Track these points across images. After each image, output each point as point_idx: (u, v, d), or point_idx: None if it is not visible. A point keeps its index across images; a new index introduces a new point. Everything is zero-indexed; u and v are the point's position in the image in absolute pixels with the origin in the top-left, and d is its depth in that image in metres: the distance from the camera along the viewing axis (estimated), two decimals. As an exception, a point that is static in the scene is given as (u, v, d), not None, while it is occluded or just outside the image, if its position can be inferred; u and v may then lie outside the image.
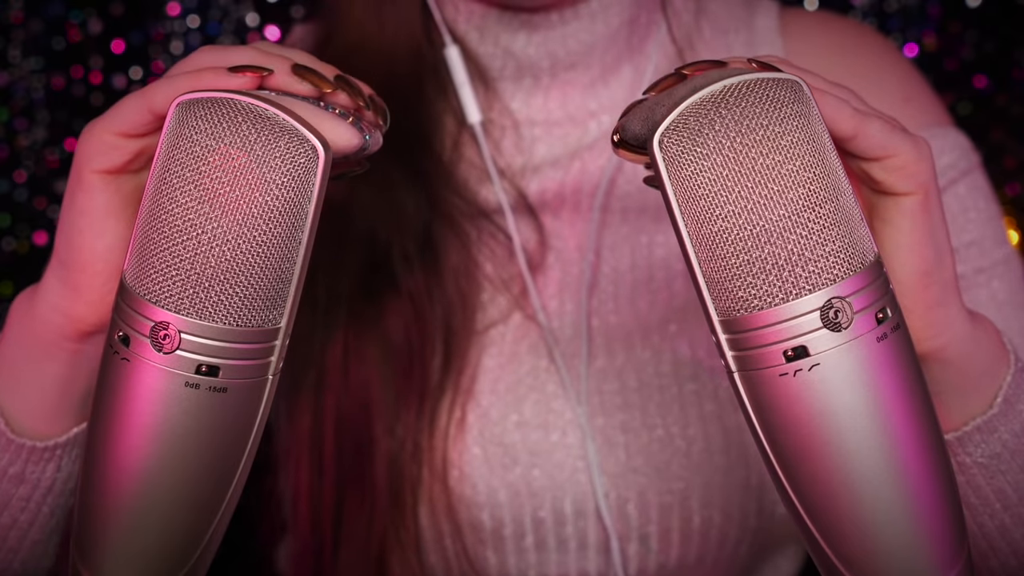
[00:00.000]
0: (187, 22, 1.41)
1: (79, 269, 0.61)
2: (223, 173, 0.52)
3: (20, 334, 0.66)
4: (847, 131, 0.56)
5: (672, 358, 0.85)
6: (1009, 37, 1.38)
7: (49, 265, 0.64)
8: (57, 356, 0.65)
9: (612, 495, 0.83)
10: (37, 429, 0.68)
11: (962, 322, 0.62)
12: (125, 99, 0.59)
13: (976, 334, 0.63)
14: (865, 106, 0.59)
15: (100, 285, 0.61)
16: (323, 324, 0.85)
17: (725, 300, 0.52)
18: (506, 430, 0.83)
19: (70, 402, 0.67)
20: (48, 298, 0.64)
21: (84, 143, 0.60)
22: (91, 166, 0.60)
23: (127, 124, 0.59)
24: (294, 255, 0.53)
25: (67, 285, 0.62)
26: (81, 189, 0.60)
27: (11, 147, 1.41)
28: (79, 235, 0.61)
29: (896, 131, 0.57)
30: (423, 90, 0.89)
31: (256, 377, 0.54)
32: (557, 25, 0.87)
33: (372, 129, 0.61)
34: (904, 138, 0.57)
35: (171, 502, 0.55)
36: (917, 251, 0.59)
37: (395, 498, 0.83)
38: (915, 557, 0.53)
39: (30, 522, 0.71)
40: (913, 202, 0.58)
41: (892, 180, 0.58)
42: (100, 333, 0.63)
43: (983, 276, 0.87)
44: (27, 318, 0.65)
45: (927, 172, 0.58)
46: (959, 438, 0.66)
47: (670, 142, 0.52)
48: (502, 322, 0.86)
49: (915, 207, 0.58)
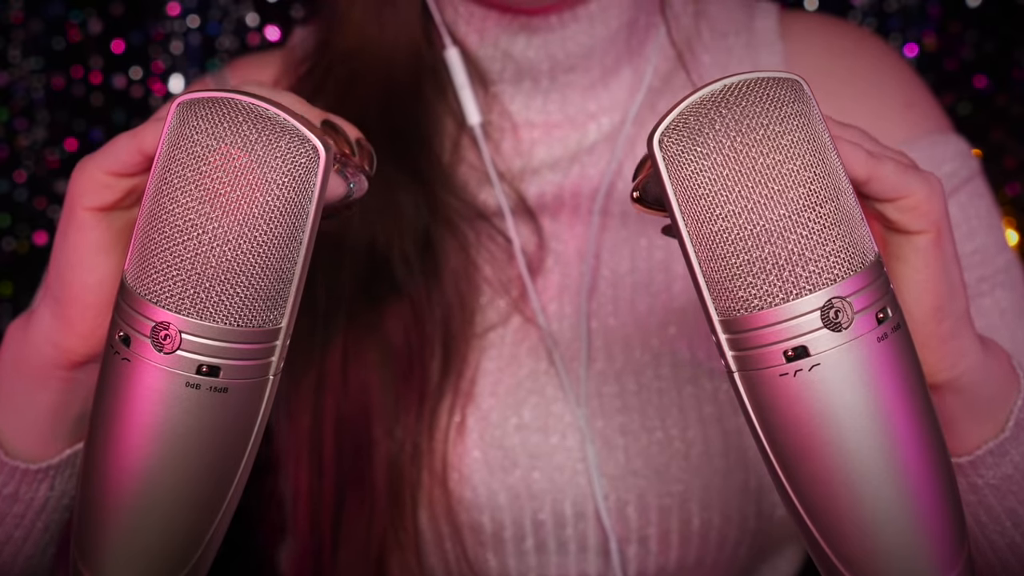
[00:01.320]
0: (187, 22, 1.41)
1: (70, 303, 0.62)
2: (224, 173, 0.52)
3: (14, 360, 0.67)
4: (861, 175, 0.56)
5: (671, 361, 0.85)
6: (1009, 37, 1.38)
7: (42, 296, 0.65)
8: (50, 383, 0.66)
9: (612, 497, 0.83)
10: (31, 452, 0.69)
11: (975, 352, 0.63)
12: (117, 138, 0.60)
13: (988, 362, 0.64)
14: (876, 145, 0.60)
15: (91, 319, 0.62)
16: (323, 326, 0.85)
17: (725, 300, 0.52)
18: (506, 433, 0.83)
19: (63, 426, 0.68)
20: (41, 328, 0.64)
21: (76, 180, 0.61)
22: (83, 203, 0.61)
23: (118, 164, 0.59)
24: (295, 255, 0.53)
25: (59, 318, 0.63)
26: (73, 225, 0.61)
27: (11, 147, 1.41)
28: (71, 270, 0.62)
29: (909, 171, 0.58)
30: (423, 92, 0.89)
31: (257, 377, 0.54)
32: (556, 28, 0.87)
33: (357, 174, 0.62)
34: (916, 177, 0.58)
35: (172, 502, 0.55)
36: (931, 287, 0.59)
37: (394, 500, 0.83)
38: (915, 557, 0.53)
39: (24, 538, 0.72)
40: (926, 240, 0.59)
41: (906, 220, 0.58)
42: (93, 362, 0.64)
43: (986, 284, 0.87)
44: (21, 345, 0.66)
45: (939, 210, 0.58)
46: (971, 462, 0.67)
47: (670, 141, 0.52)
48: (501, 325, 0.86)
49: (928, 245, 0.59)
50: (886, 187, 0.57)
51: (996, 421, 0.66)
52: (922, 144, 0.89)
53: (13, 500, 0.70)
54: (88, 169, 0.60)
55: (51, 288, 0.64)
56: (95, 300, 0.61)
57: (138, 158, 0.59)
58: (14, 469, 0.68)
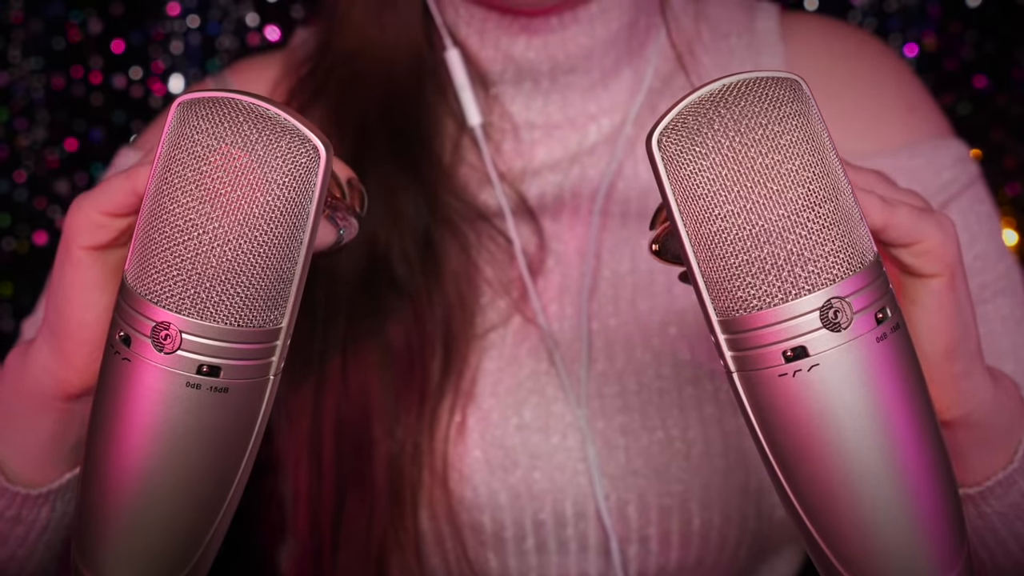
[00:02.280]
0: (187, 22, 1.40)
1: (67, 338, 0.63)
2: (224, 173, 0.52)
3: (14, 389, 0.68)
4: (877, 224, 0.57)
5: (672, 361, 0.85)
6: (1009, 37, 1.38)
7: (40, 329, 0.66)
8: (49, 413, 0.67)
9: (612, 497, 0.83)
10: (31, 477, 0.70)
11: (986, 388, 0.63)
12: (112, 178, 0.60)
13: (998, 397, 0.65)
14: (891, 189, 0.60)
15: (87, 353, 0.62)
16: (322, 327, 0.85)
17: (724, 300, 0.52)
18: (507, 433, 0.83)
19: (62, 452, 0.69)
20: (39, 360, 0.65)
21: (71, 219, 0.61)
22: (78, 242, 0.61)
23: (112, 205, 0.60)
24: (295, 255, 0.53)
25: (56, 352, 0.64)
26: (69, 263, 0.62)
27: (11, 147, 1.41)
28: (67, 306, 0.62)
29: (923, 216, 0.58)
30: (423, 93, 0.89)
31: (257, 377, 0.54)
32: (557, 29, 0.87)
33: (347, 218, 0.62)
34: (930, 222, 0.58)
35: (172, 502, 0.55)
36: (945, 329, 0.60)
37: (395, 500, 0.83)
38: (915, 557, 0.53)
39: (27, 556, 0.73)
40: (940, 283, 0.59)
41: (920, 264, 0.59)
42: (89, 394, 0.64)
43: (987, 291, 0.87)
44: (20, 375, 0.67)
45: (953, 253, 0.59)
46: (980, 492, 0.67)
47: (669, 141, 0.52)
48: (502, 325, 0.86)
49: (942, 288, 0.59)
50: (901, 233, 0.58)
51: (1005, 453, 0.67)
52: (923, 148, 0.89)
53: (16, 522, 0.71)
54: (83, 209, 0.61)
55: (48, 322, 0.64)
56: (91, 336, 0.62)
57: (132, 199, 0.59)
58: (15, 494, 0.70)
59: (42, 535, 0.72)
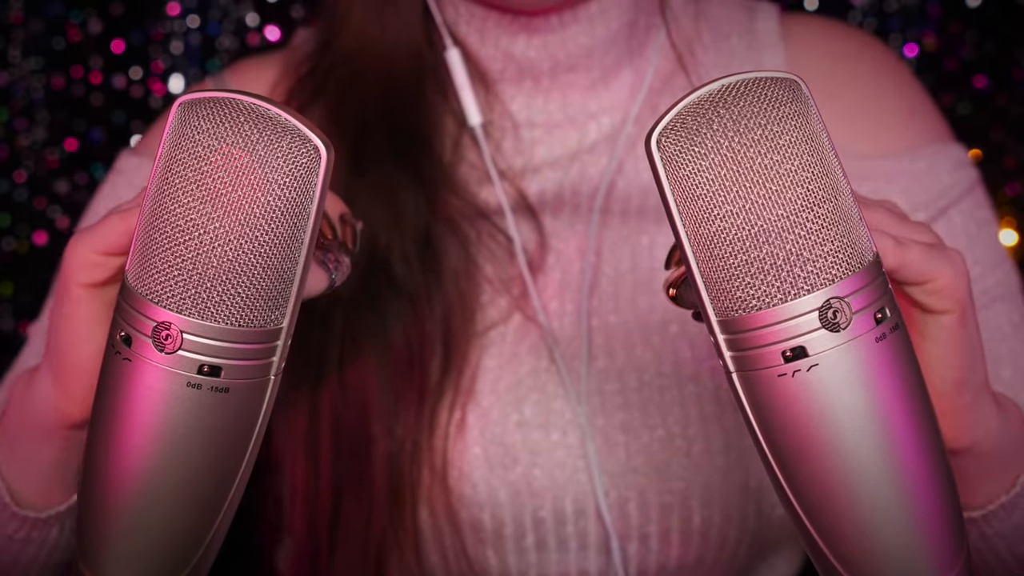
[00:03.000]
0: (187, 22, 1.40)
1: (67, 371, 0.64)
2: (225, 173, 0.52)
3: (19, 417, 0.69)
4: (891, 265, 0.57)
5: (673, 359, 0.85)
6: (1009, 37, 1.38)
7: (43, 360, 0.67)
8: (53, 441, 0.67)
9: (612, 495, 0.83)
10: (38, 501, 0.71)
11: (992, 417, 0.64)
12: (108, 217, 0.61)
13: (1004, 426, 0.65)
14: (902, 225, 0.60)
15: (87, 386, 0.63)
16: (321, 325, 0.85)
17: (723, 300, 0.52)
18: (507, 430, 0.83)
19: (66, 478, 0.70)
20: (41, 391, 0.66)
21: (69, 258, 0.62)
22: (76, 280, 0.62)
23: (108, 244, 0.60)
24: (296, 255, 0.53)
25: (57, 384, 0.65)
26: (68, 300, 0.63)
27: (11, 147, 1.41)
28: (66, 340, 0.63)
29: (934, 254, 0.59)
30: (424, 92, 0.89)
31: (258, 377, 0.54)
32: (557, 28, 0.87)
33: (339, 258, 0.62)
34: (941, 260, 0.59)
35: (173, 502, 0.55)
36: (955, 362, 0.60)
37: (394, 498, 0.83)
38: (914, 557, 0.53)
39: (39, 573, 0.76)
40: (951, 319, 0.59)
41: (932, 301, 0.59)
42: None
43: (986, 297, 0.88)
44: (24, 403, 0.68)
45: (963, 290, 0.59)
46: (984, 515, 0.68)
47: (668, 141, 0.52)
48: (502, 323, 0.86)
49: (953, 323, 0.60)
50: (913, 273, 0.58)
51: (1008, 477, 0.67)
52: (924, 153, 0.89)
53: (26, 543, 0.73)
54: (79, 249, 0.61)
55: (49, 356, 0.65)
56: (90, 368, 0.62)
57: (127, 239, 0.60)
58: (25, 518, 0.71)
59: (52, 552, 0.74)
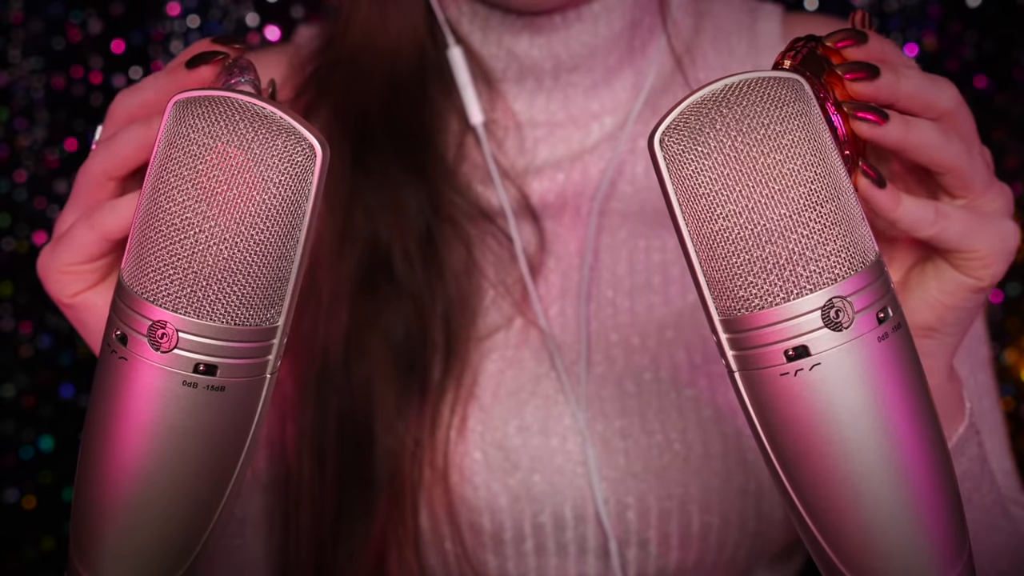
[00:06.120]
0: (187, 22, 1.40)
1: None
2: (220, 172, 0.51)
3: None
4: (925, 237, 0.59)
5: (670, 364, 0.85)
6: (1009, 37, 1.38)
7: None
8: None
9: (612, 500, 0.83)
10: None
11: (943, 373, 0.65)
12: (73, 229, 0.61)
13: (948, 386, 0.66)
14: (968, 159, 0.60)
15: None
16: (325, 322, 0.85)
17: (726, 299, 0.52)
18: (507, 435, 0.83)
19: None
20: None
21: (44, 281, 0.63)
22: (63, 296, 0.62)
23: (79, 256, 0.61)
24: (292, 254, 0.53)
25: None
26: (70, 312, 0.64)
27: (11, 147, 1.41)
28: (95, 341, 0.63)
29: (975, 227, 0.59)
30: (427, 90, 0.89)
31: (254, 376, 0.54)
32: (560, 27, 0.87)
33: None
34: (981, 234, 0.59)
35: (169, 501, 0.55)
36: (939, 313, 0.62)
37: (395, 496, 0.83)
38: (916, 557, 0.53)
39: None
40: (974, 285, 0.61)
41: (964, 265, 0.60)
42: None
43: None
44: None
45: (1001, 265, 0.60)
46: None
47: (671, 141, 0.52)
48: (504, 327, 0.86)
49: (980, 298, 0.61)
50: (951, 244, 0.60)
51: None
52: None
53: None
54: (52, 269, 0.62)
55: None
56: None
57: (104, 246, 0.60)
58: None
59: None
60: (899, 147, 0.57)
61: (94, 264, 0.61)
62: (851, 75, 0.56)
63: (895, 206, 0.58)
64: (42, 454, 1.43)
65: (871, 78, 0.56)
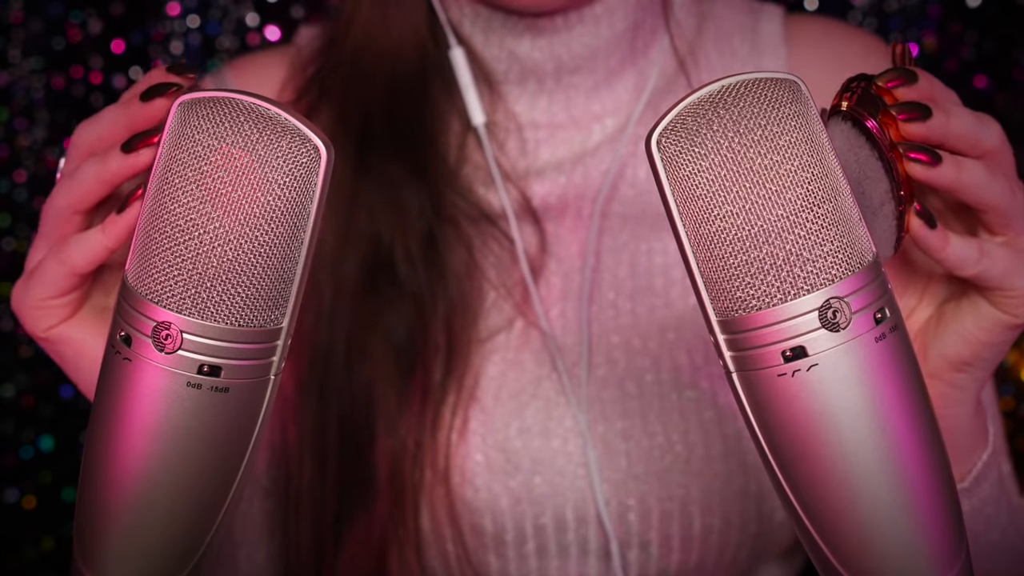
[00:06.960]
0: (187, 22, 1.41)
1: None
2: (225, 173, 0.52)
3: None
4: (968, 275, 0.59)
5: (671, 365, 0.85)
6: (1009, 37, 1.38)
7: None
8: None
9: (613, 502, 0.83)
10: None
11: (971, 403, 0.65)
12: (43, 264, 0.61)
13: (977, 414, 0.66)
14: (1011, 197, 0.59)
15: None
16: (327, 323, 0.85)
17: (723, 300, 0.52)
18: (508, 437, 0.83)
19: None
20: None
21: (19, 314, 0.63)
22: (38, 331, 0.63)
23: (53, 290, 0.61)
24: (296, 255, 0.53)
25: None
26: (47, 345, 0.64)
27: (11, 147, 1.41)
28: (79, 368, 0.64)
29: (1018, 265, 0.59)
30: (428, 91, 0.89)
31: (258, 377, 0.54)
32: (561, 29, 0.87)
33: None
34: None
35: (173, 502, 0.55)
36: (975, 349, 0.62)
37: (396, 497, 0.83)
38: (913, 557, 0.53)
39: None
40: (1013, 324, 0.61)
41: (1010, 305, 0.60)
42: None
43: None
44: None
45: None
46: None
47: (668, 142, 0.52)
48: (506, 329, 0.86)
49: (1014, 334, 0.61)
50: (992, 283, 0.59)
51: (959, 472, 0.68)
52: None
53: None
54: (25, 306, 0.62)
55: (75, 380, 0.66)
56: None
57: (74, 280, 0.60)
58: None
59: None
60: (951, 188, 0.58)
61: (66, 298, 0.61)
62: (904, 115, 0.57)
63: (944, 246, 0.58)
64: (42, 454, 1.43)
65: (923, 119, 0.57)
